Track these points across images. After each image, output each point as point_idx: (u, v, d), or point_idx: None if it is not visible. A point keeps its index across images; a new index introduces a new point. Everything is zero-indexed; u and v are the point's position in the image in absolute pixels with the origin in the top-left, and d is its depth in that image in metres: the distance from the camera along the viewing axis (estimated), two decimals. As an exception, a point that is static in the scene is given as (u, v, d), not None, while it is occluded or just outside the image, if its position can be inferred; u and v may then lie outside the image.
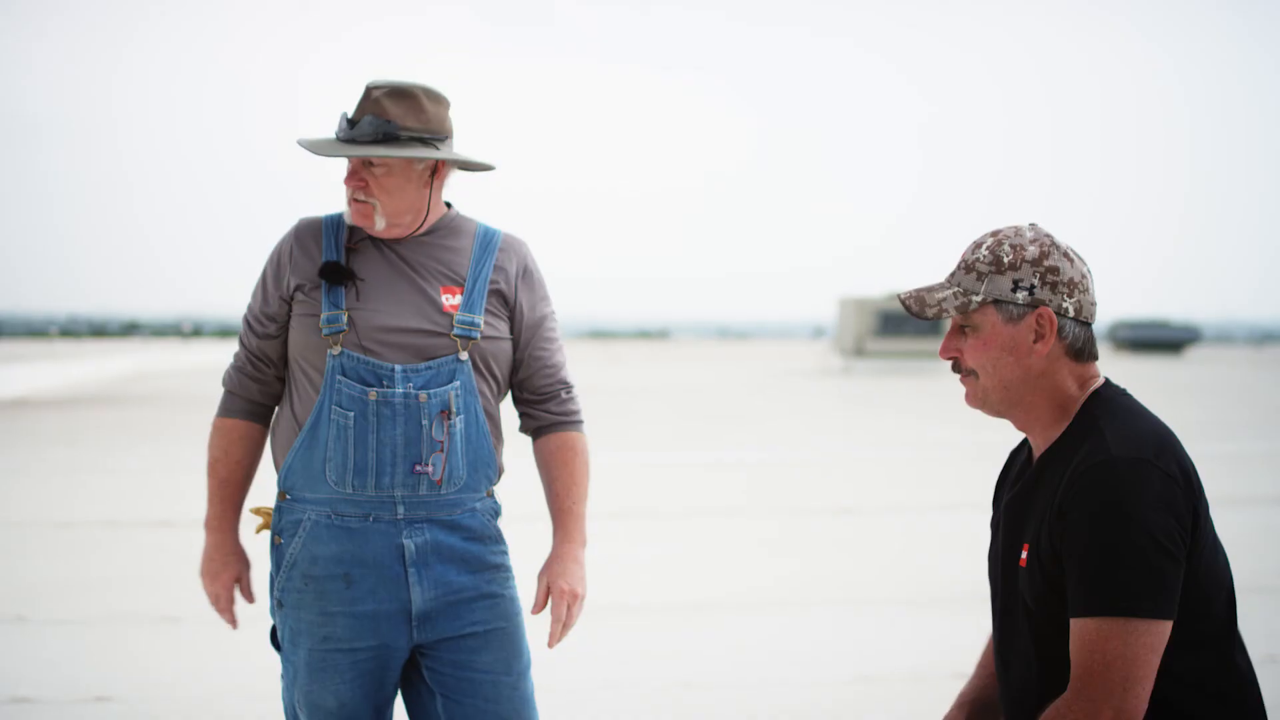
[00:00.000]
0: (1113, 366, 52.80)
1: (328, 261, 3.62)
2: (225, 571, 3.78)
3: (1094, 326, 3.04)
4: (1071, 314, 2.99)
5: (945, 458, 18.68)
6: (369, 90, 3.59)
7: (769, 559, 11.05)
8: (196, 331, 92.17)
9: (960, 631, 8.34)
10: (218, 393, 33.36)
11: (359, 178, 3.61)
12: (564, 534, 3.74)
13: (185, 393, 33.86)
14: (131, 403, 29.85)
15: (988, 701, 3.25)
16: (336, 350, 3.57)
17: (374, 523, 3.57)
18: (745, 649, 8.08)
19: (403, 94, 3.57)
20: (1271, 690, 6.90)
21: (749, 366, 54.41)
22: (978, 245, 3.02)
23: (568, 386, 3.78)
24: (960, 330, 3.04)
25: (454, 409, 3.59)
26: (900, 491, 15.23)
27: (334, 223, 3.70)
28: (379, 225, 3.64)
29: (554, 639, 3.69)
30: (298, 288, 3.64)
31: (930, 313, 3.03)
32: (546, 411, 3.77)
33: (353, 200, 3.62)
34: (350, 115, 3.57)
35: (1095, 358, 3.04)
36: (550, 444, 3.77)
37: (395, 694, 3.68)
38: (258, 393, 3.72)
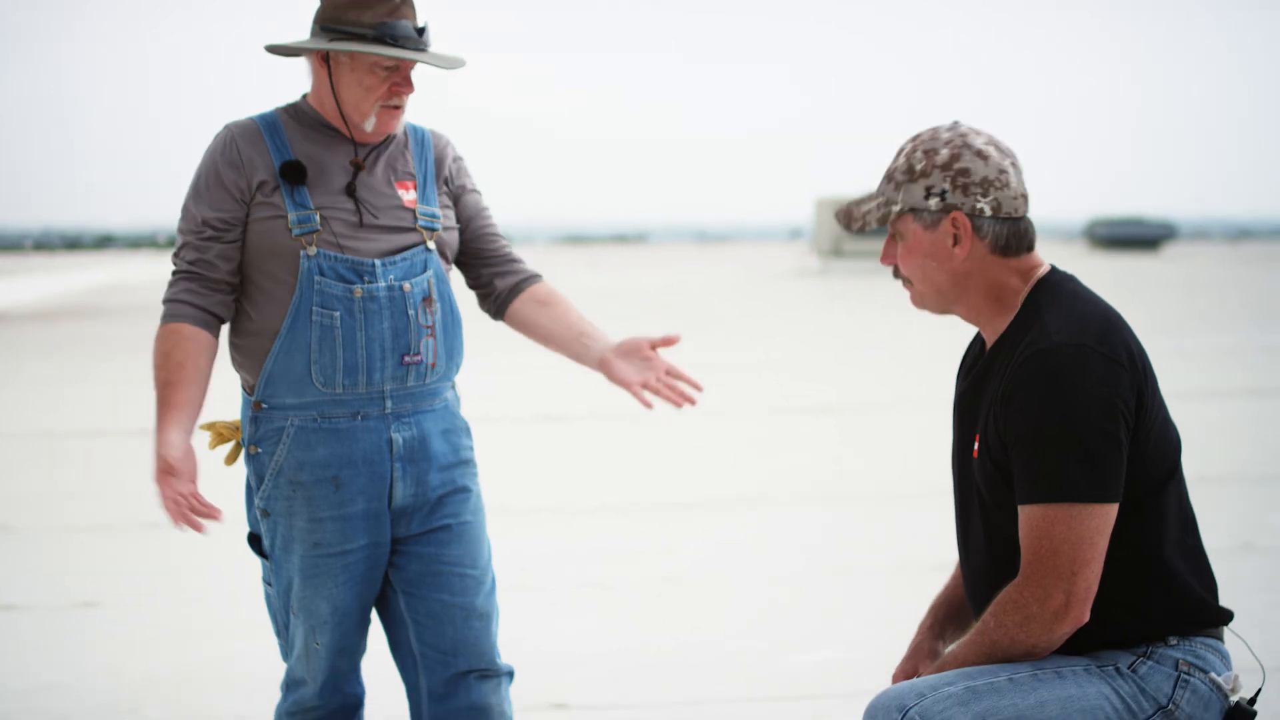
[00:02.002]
0: (1089, 263, 52.91)
1: (289, 160, 3.56)
2: (178, 478, 3.45)
3: (1035, 218, 3.02)
4: (989, 213, 2.97)
5: (923, 355, 18.75)
6: None
7: (752, 459, 11.12)
8: (171, 243, 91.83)
9: (938, 525, 8.41)
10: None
11: (411, 83, 3.59)
12: (597, 341, 3.79)
13: (161, 304, 33.72)
14: (109, 315, 29.79)
15: (959, 603, 3.29)
16: (312, 250, 3.53)
17: (362, 420, 3.56)
18: (729, 545, 8.16)
19: None
20: (1245, 574, 6.99)
21: (728, 269, 54.39)
22: (899, 152, 3.05)
23: (519, 257, 3.85)
24: (893, 238, 3.07)
25: (434, 295, 3.61)
26: (879, 390, 15.31)
27: (270, 123, 3.61)
28: (399, 126, 3.65)
29: (693, 388, 3.77)
30: (259, 185, 3.56)
31: (855, 226, 3.06)
32: (513, 272, 3.81)
33: (395, 107, 3.58)
34: (395, 21, 3.50)
35: (1028, 250, 3.02)
36: (532, 296, 3.81)
37: (379, 589, 3.70)
38: (207, 301, 3.55)
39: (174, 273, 3.60)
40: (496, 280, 3.80)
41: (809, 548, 8.05)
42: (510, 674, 3.72)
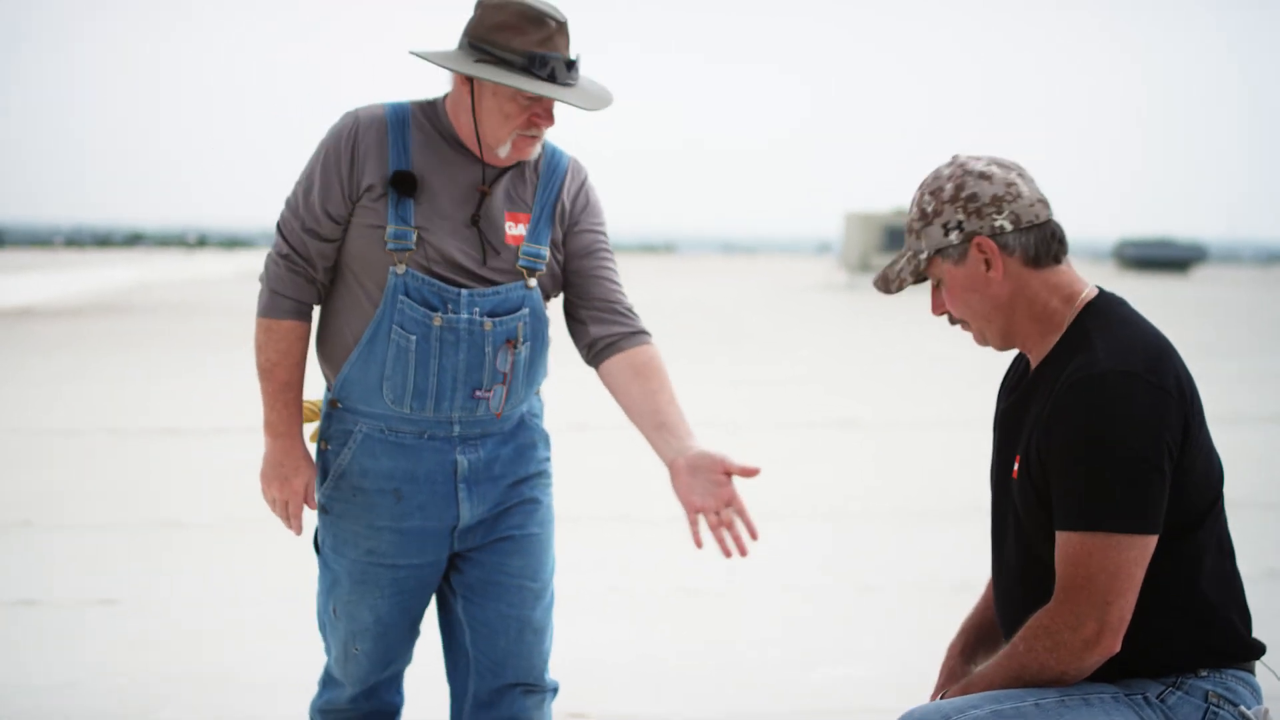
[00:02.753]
0: (1118, 285, 52.74)
1: (401, 170, 3.44)
2: (297, 476, 3.53)
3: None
4: (1010, 228, 2.96)
5: (949, 372, 18.68)
6: (550, 20, 3.39)
7: (776, 473, 11.06)
8: (201, 242, 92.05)
9: (963, 543, 8.36)
10: (221, 303, 33.42)
11: (552, 116, 3.45)
12: (677, 436, 3.47)
13: (189, 303, 33.86)
14: (136, 313, 29.86)
15: (990, 626, 3.25)
16: (401, 269, 3.44)
17: (428, 440, 3.52)
18: (752, 559, 8.10)
19: (563, 27, 3.41)
20: (1273, 602, 6.92)
21: (755, 282, 54.37)
22: (910, 205, 3.05)
23: (632, 310, 3.61)
24: (936, 288, 3.07)
25: (521, 337, 3.50)
26: (904, 406, 15.25)
27: (399, 121, 3.49)
28: (535, 153, 3.52)
29: (752, 533, 3.45)
30: (367, 189, 3.45)
31: (894, 287, 3.05)
32: (616, 323, 3.57)
33: (533, 137, 3.45)
34: (547, 52, 3.37)
35: (1061, 256, 3.00)
36: (633, 359, 3.55)
37: (429, 604, 3.67)
38: (307, 293, 3.50)
39: (277, 250, 3.52)
40: (593, 327, 3.57)
41: (832, 563, 8.00)
42: (555, 690, 3.69)
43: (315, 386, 3.61)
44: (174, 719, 5.37)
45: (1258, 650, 2.96)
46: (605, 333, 3.58)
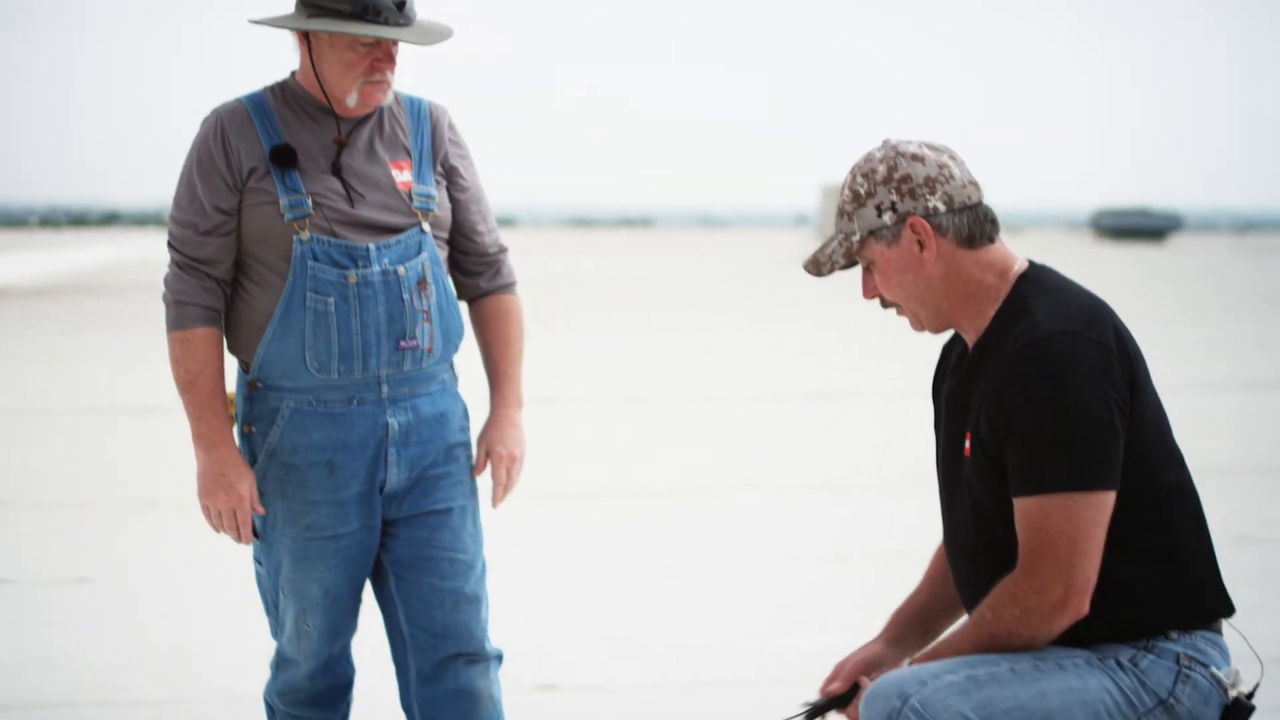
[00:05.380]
0: (1095, 253, 52.83)
1: (278, 145, 3.52)
2: (241, 482, 3.51)
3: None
4: (943, 209, 2.97)
5: (925, 342, 18.71)
6: None
7: (750, 443, 11.11)
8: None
9: (934, 513, 8.41)
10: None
11: (393, 58, 3.52)
12: (501, 398, 3.72)
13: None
14: (112, 292, 29.77)
15: (920, 613, 3.26)
16: (305, 235, 3.49)
17: (358, 405, 3.54)
18: (721, 531, 8.15)
19: None
20: (1242, 566, 6.97)
21: (733, 254, 54.36)
22: (841, 188, 3.06)
23: (503, 250, 3.76)
24: (867, 271, 3.07)
25: (428, 279, 3.57)
26: (877, 377, 15.30)
27: (258, 105, 3.56)
28: (389, 99, 3.59)
29: (496, 500, 3.70)
30: (251, 172, 3.50)
31: (826, 270, 3.06)
32: (483, 278, 3.73)
33: (378, 82, 3.51)
34: None
35: (994, 236, 3.01)
36: (485, 308, 3.73)
37: (370, 571, 3.70)
38: (214, 299, 3.53)
39: (175, 264, 3.54)
40: (464, 278, 3.72)
41: (805, 532, 8.04)
42: (499, 657, 3.72)
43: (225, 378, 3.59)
44: (145, 696, 5.39)
45: (1228, 609, 2.97)
46: (472, 284, 3.73)
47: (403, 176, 3.58)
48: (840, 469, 9.95)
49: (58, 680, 5.50)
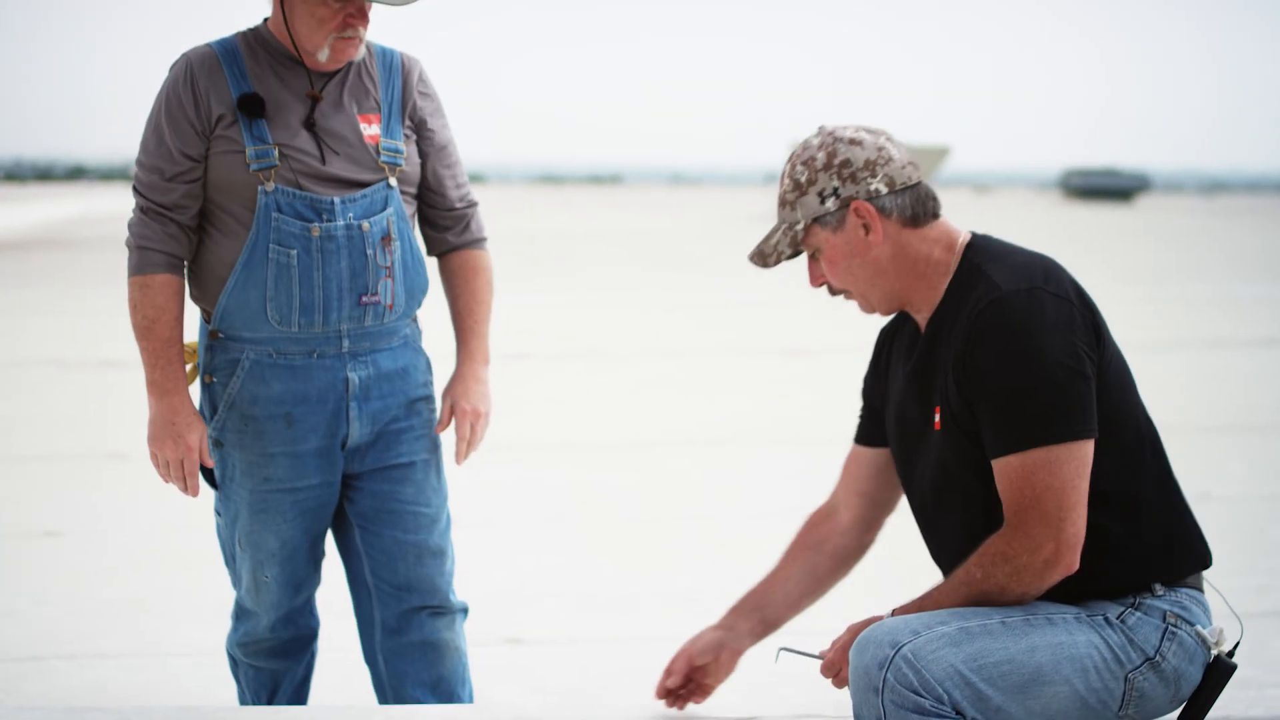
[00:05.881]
0: (1063, 213, 52.95)
1: (246, 93, 3.50)
2: (191, 432, 3.49)
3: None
4: (885, 190, 2.99)
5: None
6: None
7: (714, 398, 11.15)
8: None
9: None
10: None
11: (366, 15, 3.51)
12: (467, 353, 3.73)
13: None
14: (79, 246, 29.62)
15: (762, 607, 3.29)
16: (270, 186, 3.48)
17: (318, 359, 3.55)
18: (687, 485, 8.20)
19: None
20: (1204, 524, 7.05)
21: (701, 211, 54.30)
22: (781, 178, 3.07)
23: (473, 204, 3.76)
24: (812, 259, 3.08)
25: (393, 234, 3.56)
26: (844, 334, 15.35)
27: (229, 51, 3.54)
28: (361, 54, 3.58)
29: (460, 457, 3.70)
30: (219, 119, 3.48)
31: (772, 261, 3.07)
32: (452, 232, 3.73)
33: (350, 39, 3.50)
34: None
35: (936, 214, 3.04)
36: (454, 264, 3.74)
37: (329, 524, 3.73)
38: (178, 246, 3.52)
39: (139, 209, 3.53)
40: (433, 232, 3.74)
41: (769, 488, 8.09)
42: (465, 610, 3.74)
43: (189, 329, 3.59)
44: (111, 648, 5.41)
45: (1208, 558, 3.02)
46: (442, 239, 3.74)
47: (370, 130, 3.57)
48: (808, 425, 10.00)
49: (25, 632, 5.52)
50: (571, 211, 51.15)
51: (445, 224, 3.73)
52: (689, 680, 3.31)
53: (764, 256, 3.07)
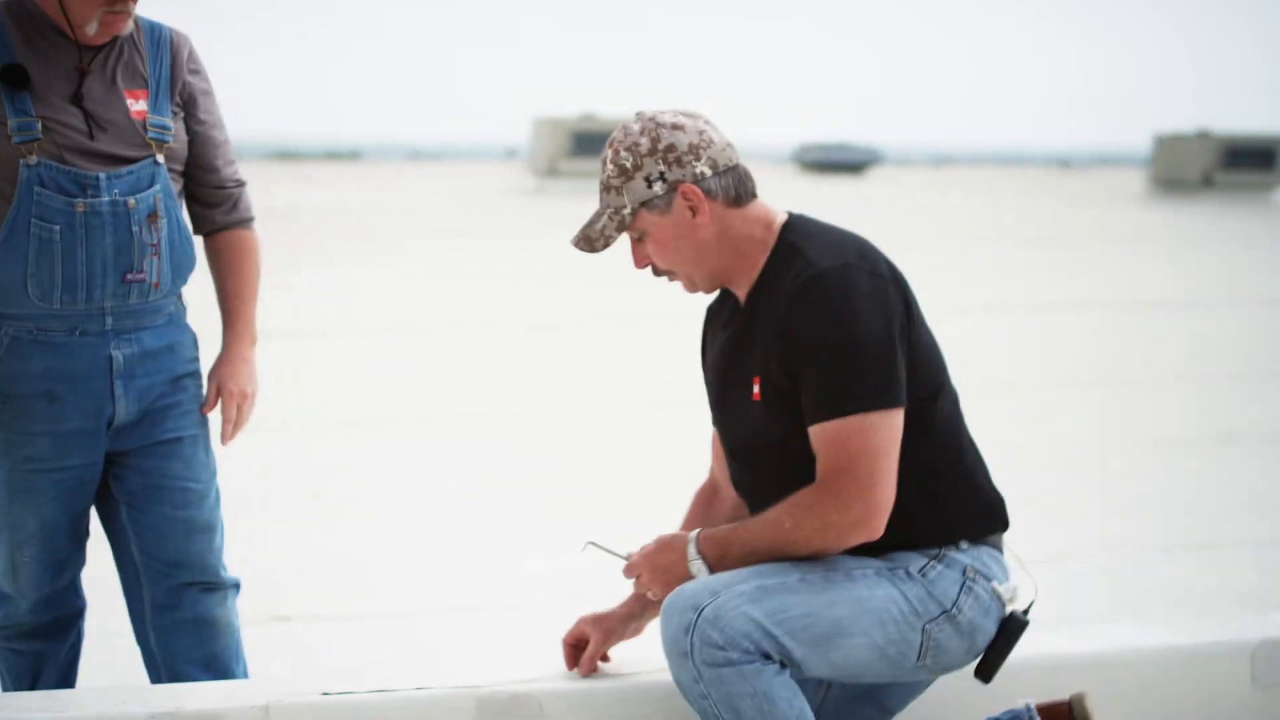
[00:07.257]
0: (798, 187, 54.10)
1: (8, 64, 3.39)
2: None
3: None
4: (710, 173, 3.07)
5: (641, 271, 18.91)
6: None
7: (474, 374, 11.15)
8: None
9: (676, 435, 8.55)
10: None
11: None
12: (234, 334, 3.69)
13: None
14: None
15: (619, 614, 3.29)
16: (33, 160, 3.37)
17: (80, 336, 3.46)
18: (458, 457, 8.19)
19: None
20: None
21: (443, 186, 54.11)
22: (603, 163, 3.13)
23: (241, 184, 3.71)
24: (638, 242, 3.14)
25: (159, 212, 3.48)
26: (598, 304, 15.45)
27: None
28: (129, 29, 3.49)
29: (226, 438, 3.66)
30: None
31: (600, 246, 3.12)
32: (219, 211, 3.68)
33: (120, 13, 3.41)
34: None
35: (754, 195, 3.14)
36: (221, 243, 3.69)
37: (90, 504, 3.62)
38: None
39: None
40: (201, 210, 3.67)
41: (539, 458, 8.12)
42: (237, 586, 3.69)
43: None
44: None
45: (1006, 521, 3.14)
46: (209, 218, 3.68)
47: (137, 106, 3.49)
48: (567, 396, 10.04)
49: None
50: (311, 188, 50.48)
51: (213, 202, 3.67)
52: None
53: (590, 241, 3.12)
